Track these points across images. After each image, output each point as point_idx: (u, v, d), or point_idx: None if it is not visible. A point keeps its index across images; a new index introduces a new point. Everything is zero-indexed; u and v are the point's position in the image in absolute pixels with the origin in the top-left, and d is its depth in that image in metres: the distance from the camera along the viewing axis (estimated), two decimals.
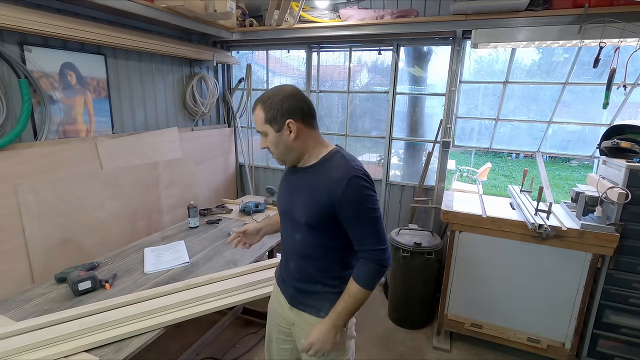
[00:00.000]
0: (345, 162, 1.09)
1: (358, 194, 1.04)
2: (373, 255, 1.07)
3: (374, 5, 2.82)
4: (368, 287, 1.09)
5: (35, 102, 1.98)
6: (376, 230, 1.07)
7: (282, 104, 1.08)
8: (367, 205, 1.05)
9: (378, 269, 1.08)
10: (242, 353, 2.33)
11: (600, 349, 2.16)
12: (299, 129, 1.09)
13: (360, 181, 1.04)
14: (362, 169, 1.08)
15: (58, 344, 1.24)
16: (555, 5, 2.13)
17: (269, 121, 1.10)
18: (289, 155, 1.15)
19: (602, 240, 1.97)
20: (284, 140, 1.11)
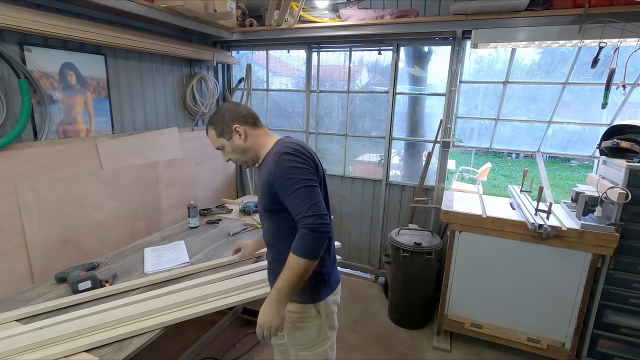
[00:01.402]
0: (279, 144, 1.19)
1: (284, 167, 1.09)
2: (304, 223, 1.06)
3: (374, 5, 2.82)
4: (302, 254, 1.07)
5: (35, 102, 1.98)
6: (306, 197, 1.07)
7: (224, 116, 1.25)
8: (294, 176, 1.08)
9: (310, 234, 1.06)
10: (242, 353, 2.33)
11: (600, 349, 2.16)
12: (245, 131, 1.25)
13: (287, 156, 1.11)
14: (292, 146, 1.13)
15: (58, 344, 1.24)
16: (555, 5, 2.13)
17: (219, 134, 1.26)
18: (247, 155, 1.27)
19: (602, 240, 1.97)
20: (237, 145, 1.25)
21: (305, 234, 1.06)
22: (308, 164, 1.12)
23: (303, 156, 1.12)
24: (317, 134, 3.38)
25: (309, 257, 1.08)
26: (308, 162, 1.12)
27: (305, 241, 1.07)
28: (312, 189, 1.09)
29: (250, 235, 2.40)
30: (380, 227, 3.22)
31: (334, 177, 3.36)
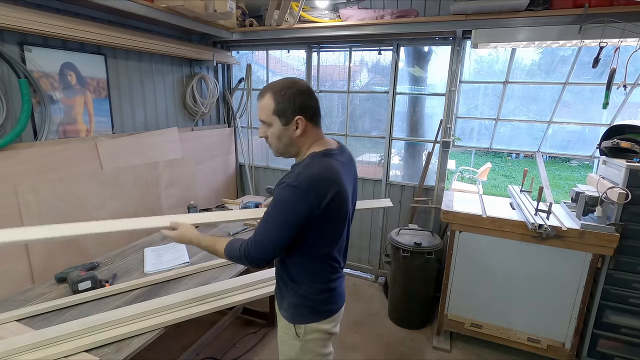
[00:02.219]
0: (298, 168, 1.08)
1: (278, 196, 1.06)
2: (246, 244, 1.11)
3: (374, 5, 2.82)
4: (226, 254, 1.19)
5: (35, 102, 1.98)
6: (265, 230, 1.07)
7: (294, 99, 1.07)
8: (273, 207, 1.06)
9: (241, 255, 1.12)
10: (242, 353, 2.33)
11: (600, 349, 2.16)
12: (306, 127, 1.10)
13: (287, 189, 1.04)
14: (301, 179, 1.03)
15: (58, 344, 1.24)
16: (555, 5, 2.13)
17: (277, 113, 1.08)
18: (288, 149, 1.16)
19: (602, 240, 1.97)
20: (288, 135, 1.11)
21: (238, 251, 1.13)
22: (300, 205, 1.02)
23: (303, 195, 1.01)
24: None
25: (227, 258, 1.20)
26: (304, 202, 1.02)
27: (235, 254, 1.15)
28: (279, 229, 1.06)
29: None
30: (380, 227, 3.22)
31: None
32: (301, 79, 1.14)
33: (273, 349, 2.39)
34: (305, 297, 1.19)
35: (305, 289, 1.18)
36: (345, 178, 1.14)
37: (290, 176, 1.06)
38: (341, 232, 1.19)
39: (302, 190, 1.01)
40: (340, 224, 1.16)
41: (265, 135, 1.16)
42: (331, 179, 1.07)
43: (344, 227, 1.20)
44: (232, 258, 1.17)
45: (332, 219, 1.11)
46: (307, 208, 1.02)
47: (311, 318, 1.21)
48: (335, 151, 1.15)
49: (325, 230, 1.11)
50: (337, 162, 1.13)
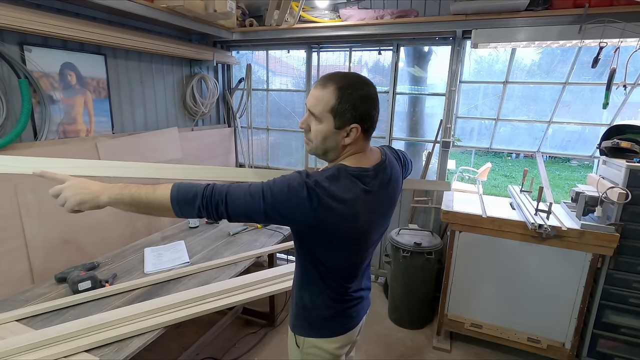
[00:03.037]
0: (335, 167, 0.96)
1: (284, 176, 0.93)
2: (215, 185, 0.93)
3: (374, 5, 2.82)
4: (174, 192, 0.93)
5: (35, 102, 1.98)
6: (251, 185, 0.92)
7: (359, 104, 0.92)
8: (271, 179, 0.92)
9: (199, 191, 0.92)
10: (242, 353, 2.33)
11: (600, 349, 2.16)
12: (357, 138, 0.96)
13: (294, 173, 0.92)
14: (313, 179, 0.90)
15: (58, 344, 1.24)
16: (555, 5, 2.13)
17: (334, 112, 0.92)
18: (328, 153, 1.01)
19: (602, 240, 1.97)
20: (336, 140, 0.96)
21: (199, 190, 0.92)
22: (298, 197, 0.87)
23: (307, 194, 0.87)
24: None
25: (173, 198, 0.93)
26: (304, 202, 0.87)
27: (189, 192, 0.93)
28: (247, 190, 0.91)
29: (250, 235, 2.40)
30: None
31: None
32: (371, 82, 0.98)
33: (273, 349, 2.39)
34: (306, 308, 1.11)
35: (308, 300, 1.10)
36: (370, 208, 0.99)
37: (302, 170, 0.94)
38: (354, 257, 1.05)
39: (309, 190, 0.87)
40: (353, 251, 1.03)
41: (307, 128, 0.99)
42: (346, 213, 0.92)
43: (361, 253, 1.06)
44: (180, 197, 0.92)
45: (340, 245, 0.99)
46: (303, 210, 0.88)
47: (310, 332, 1.12)
48: (370, 172, 0.98)
49: (331, 251, 1.00)
50: (365, 189, 0.96)
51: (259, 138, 3.72)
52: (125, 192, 0.95)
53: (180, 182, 0.96)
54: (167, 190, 0.94)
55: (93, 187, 0.98)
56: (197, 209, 0.92)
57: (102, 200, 0.96)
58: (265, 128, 3.63)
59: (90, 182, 1.00)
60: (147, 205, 0.95)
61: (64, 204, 0.98)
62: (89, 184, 0.99)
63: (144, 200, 0.94)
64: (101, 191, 0.96)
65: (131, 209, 0.96)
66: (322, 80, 0.95)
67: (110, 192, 0.95)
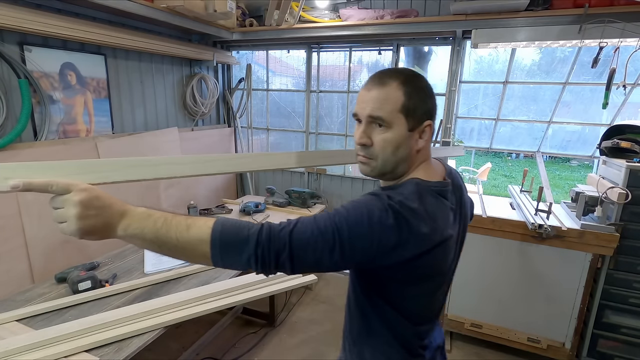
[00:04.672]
0: (406, 185, 0.76)
1: (356, 200, 0.73)
2: (271, 224, 0.70)
3: (374, 5, 2.82)
4: (215, 234, 0.67)
5: (35, 102, 1.98)
6: (317, 216, 0.71)
7: (428, 98, 0.78)
8: (344, 205, 0.73)
9: (252, 235, 0.67)
10: (242, 353, 2.33)
11: (600, 349, 2.16)
12: (429, 138, 0.80)
13: (369, 196, 0.73)
14: (399, 199, 0.70)
15: (58, 344, 1.24)
16: (555, 5, 2.13)
17: (406, 110, 0.75)
18: (398, 166, 0.79)
19: (602, 240, 1.97)
20: (409, 146, 0.77)
21: (254, 233, 0.68)
22: (380, 230, 0.68)
23: (391, 218, 0.68)
24: (317, 134, 3.38)
25: (214, 251, 0.67)
26: (388, 226, 0.68)
27: (239, 236, 0.68)
28: (324, 222, 0.69)
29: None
30: None
31: (334, 177, 3.36)
32: None
33: (273, 349, 2.39)
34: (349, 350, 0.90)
35: (369, 357, 0.86)
36: (455, 231, 0.82)
37: (378, 191, 0.75)
38: (436, 295, 0.85)
39: (397, 215, 0.68)
40: (437, 286, 0.83)
41: (368, 143, 0.77)
42: (437, 239, 0.73)
43: (442, 289, 0.87)
44: (224, 240, 0.67)
45: (426, 280, 0.79)
46: (390, 241, 0.68)
47: None
48: (449, 186, 0.81)
49: (413, 290, 0.79)
50: (451, 207, 0.80)
51: (259, 138, 3.72)
52: (148, 226, 0.67)
53: (223, 219, 0.70)
54: (207, 229, 0.68)
55: (111, 208, 0.67)
56: (246, 259, 0.67)
57: (116, 233, 0.67)
58: (265, 128, 3.63)
59: (107, 197, 0.68)
60: (175, 247, 0.67)
61: (62, 223, 0.66)
62: (106, 200, 0.67)
63: (172, 241, 0.67)
64: (119, 216, 0.67)
65: (152, 247, 0.68)
66: (375, 79, 0.77)
67: (130, 222, 0.67)
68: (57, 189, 0.68)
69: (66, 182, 0.67)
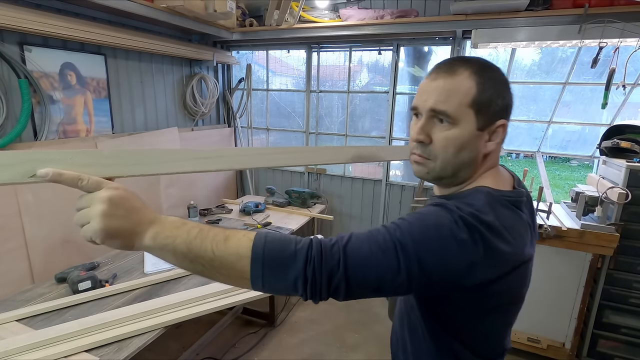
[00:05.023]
0: (474, 194, 0.65)
1: (422, 214, 0.62)
2: (321, 240, 0.60)
3: (374, 5, 2.82)
4: (258, 249, 0.57)
5: (35, 102, 1.98)
6: (364, 233, 0.61)
7: (504, 91, 0.66)
8: (409, 215, 0.63)
9: (300, 252, 0.57)
10: (242, 353, 2.33)
11: (600, 349, 2.16)
12: (501, 141, 0.68)
13: (439, 207, 0.62)
14: (471, 210, 0.59)
15: (58, 344, 1.24)
16: (555, 5, 2.13)
17: (477, 105, 0.63)
18: (460, 171, 0.68)
19: (602, 240, 1.97)
20: (476, 148, 0.66)
21: (303, 249, 0.57)
22: (451, 246, 0.57)
23: (469, 230, 0.57)
24: (317, 134, 3.38)
25: (254, 268, 0.56)
26: (461, 241, 0.57)
27: (284, 252, 0.57)
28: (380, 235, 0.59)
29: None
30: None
31: (334, 177, 3.36)
32: None
33: (273, 349, 2.39)
34: None
35: None
36: (532, 248, 0.71)
37: (441, 201, 0.64)
38: (511, 323, 0.75)
39: (470, 229, 0.57)
40: (512, 314, 0.73)
41: (426, 140, 0.67)
42: (516, 258, 0.63)
43: (515, 317, 0.76)
44: (268, 256, 0.57)
45: (502, 309, 0.68)
46: (464, 260, 0.57)
47: None
48: (523, 196, 0.70)
49: (487, 320, 0.67)
50: (528, 221, 0.70)
51: (259, 138, 3.72)
52: (180, 235, 0.57)
53: (267, 232, 0.63)
54: (247, 242, 0.58)
55: (142, 212, 0.60)
56: (293, 281, 0.56)
57: (143, 241, 0.58)
58: (265, 128, 3.63)
59: (140, 201, 0.62)
60: (210, 263, 0.57)
61: (85, 226, 0.60)
62: (138, 203, 0.61)
63: (207, 254, 0.57)
64: (148, 222, 0.59)
65: (183, 262, 0.58)
66: (443, 67, 0.67)
67: (160, 230, 0.58)
68: (87, 185, 0.60)
69: (98, 179, 0.61)
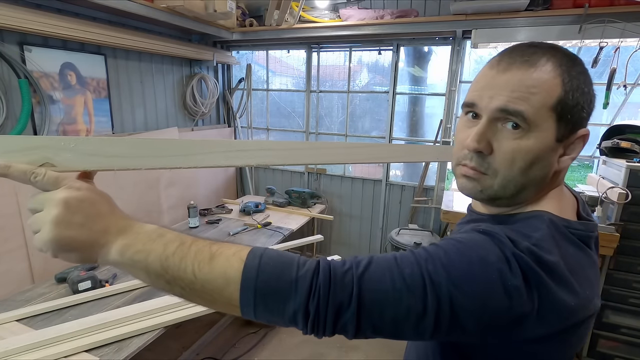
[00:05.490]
0: (534, 220, 0.51)
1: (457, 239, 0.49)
2: (331, 262, 0.52)
3: (374, 5, 2.82)
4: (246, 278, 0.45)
5: (35, 102, 1.98)
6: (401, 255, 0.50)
7: (589, 93, 0.52)
8: (443, 242, 0.51)
9: (303, 277, 0.46)
10: (242, 353, 2.33)
11: (600, 349, 2.16)
12: (577, 156, 0.54)
13: (483, 237, 0.48)
14: (527, 245, 0.46)
15: (58, 344, 1.24)
16: (555, 5, 2.13)
17: (561, 110, 0.49)
18: (523, 191, 0.53)
19: (602, 240, 1.97)
20: (549, 162, 0.51)
21: (307, 274, 0.46)
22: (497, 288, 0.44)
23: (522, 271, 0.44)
24: (317, 134, 3.38)
25: (244, 297, 0.45)
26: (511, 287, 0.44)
27: (284, 275, 0.46)
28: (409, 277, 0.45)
29: (250, 235, 2.40)
30: (380, 227, 3.22)
31: (334, 177, 3.36)
32: None
33: (273, 349, 2.39)
34: None
35: None
36: (598, 297, 0.54)
37: (490, 227, 0.50)
38: None
39: (525, 269, 0.45)
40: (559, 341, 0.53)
41: (487, 150, 0.52)
42: (575, 307, 0.47)
43: None
44: (264, 281, 0.45)
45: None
46: (512, 307, 0.44)
47: None
48: (594, 230, 0.56)
49: None
50: (594, 261, 0.55)
51: (259, 138, 3.72)
52: (155, 250, 0.46)
53: (264, 250, 0.48)
54: (237, 262, 0.46)
55: (106, 219, 0.48)
56: (292, 314, 0.45)
57: (108, 255, 0.47)
58: (265, 128, 3.63)
59: (108, 205, 0.51)
60: (191, 286, 0.45)
61: (36, 233, 0.50)
62: (103, 208, 0.50)
63: (187, 275, 0.45)
64: (116, 232, 0.48)
65: (158, 283, 0.47)
66: (517, 54, 0.51)
67: (130, 243, 0.47)
68: (42, 181, 0.46)
69: (56, 174, 0.47)
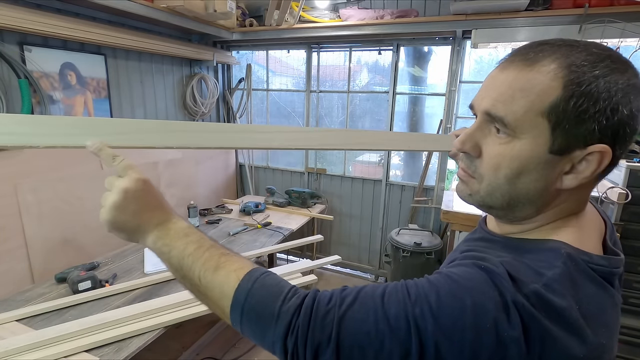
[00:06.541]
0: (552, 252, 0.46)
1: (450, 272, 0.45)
2: (316, 292, 0.52)
3: (374, 5, 2.82)
4: (237, 296, 0.49)
5: (35, 102, 1.98)
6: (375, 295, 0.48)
7: (619, 102, 0.42)
8: (430, 277, 0.47)
9: (287, 303, 0.48)
10: (242, 353, 2.33)
11: None
12: (593, 176, 0.46)
13: (476, 271, 0.43)
14: (534, 288, 0.40)
15: (58, 344, 1.24)
16: (555, 5, 2.13)
17: (557, 116, 0.43)
18: (518, 206, 0.50)
19: None
20: (543, 176, 0.46)
21: (290, 302, 0.48)
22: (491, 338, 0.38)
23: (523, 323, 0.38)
24: None
25: (234, 312, 0.50)
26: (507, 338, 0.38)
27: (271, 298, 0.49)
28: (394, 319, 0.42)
29: (250, 235, 2.40)
30: (380, 227, 3.22)
31: (334, 177, 3.36)
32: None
33: None
34: None
35: None
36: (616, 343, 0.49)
37: (490, 260, 0.45)
38: None
39: (525, 319, 0.39)
40: None
41: (472, 151, 0.51)
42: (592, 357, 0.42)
43: None
44: (251, 305, 0.49)
45: None
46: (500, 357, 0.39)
47: None
48: (620, 266, 0.55)
49: None
50: (615, 302, 0.51)
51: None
52: (177, 247, 0.54)
53: (261, 274, 0.51)
54: (234, 280, 0.50)
55: (153, 212, 0.57)
56: (270, 344, 0.49)
57: (145, 241, 0.57)
58: None
59: (158, 199, 0.59)
60: (196, 288, 0.53)
61: (102, 208, 0.57)
62: (153, 200, 0.58)
63: (194, 279, 0.52)
64: (155, 224, 0.57)
65: (175, 275, 0.55)
66: (525, 52, 0.47)
67: (161, 236, 0.56)
68: (118, 165, 0.60)
69: (128, 163, 0.60)
